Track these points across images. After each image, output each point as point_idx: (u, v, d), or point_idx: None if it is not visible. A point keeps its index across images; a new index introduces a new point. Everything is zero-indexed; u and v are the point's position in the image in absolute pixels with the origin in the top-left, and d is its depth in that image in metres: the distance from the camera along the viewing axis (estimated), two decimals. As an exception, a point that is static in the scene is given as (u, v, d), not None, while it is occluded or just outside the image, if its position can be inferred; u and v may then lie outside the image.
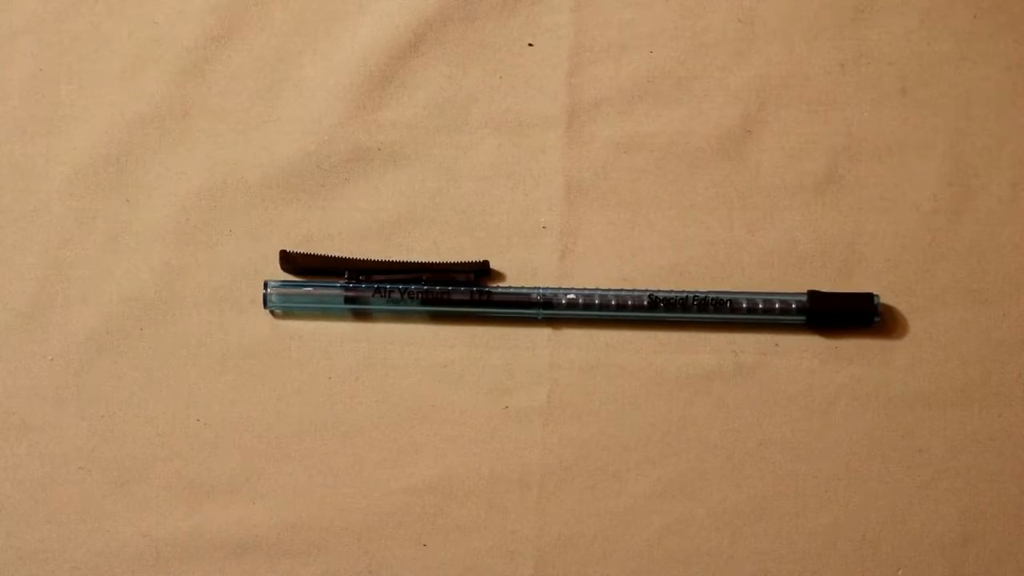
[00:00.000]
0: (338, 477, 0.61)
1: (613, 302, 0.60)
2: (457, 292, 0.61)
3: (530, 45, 0.63)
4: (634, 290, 0.61)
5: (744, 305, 0.60)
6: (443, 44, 0.63)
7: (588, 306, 0.60)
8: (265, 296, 0.61)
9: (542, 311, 0.60)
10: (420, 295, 0.60)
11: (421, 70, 0.63)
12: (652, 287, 0.61)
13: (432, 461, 0.61)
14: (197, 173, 0.62)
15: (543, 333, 0.61)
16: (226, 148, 0.62)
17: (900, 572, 0.60)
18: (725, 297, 0.60)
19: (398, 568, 0.61)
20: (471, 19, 0.63)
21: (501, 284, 0.61)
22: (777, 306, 0.60)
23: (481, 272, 0.61)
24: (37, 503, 0.61)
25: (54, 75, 0.63)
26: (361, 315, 0.61)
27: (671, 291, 0.60)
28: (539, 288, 0.61)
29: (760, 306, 0.60)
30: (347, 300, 0.61)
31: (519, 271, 0.62)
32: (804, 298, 0.60)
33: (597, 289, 0.61)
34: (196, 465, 0.61)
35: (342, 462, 0.61)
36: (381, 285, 0.61)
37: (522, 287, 0.61)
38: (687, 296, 0.60)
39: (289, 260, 0.61)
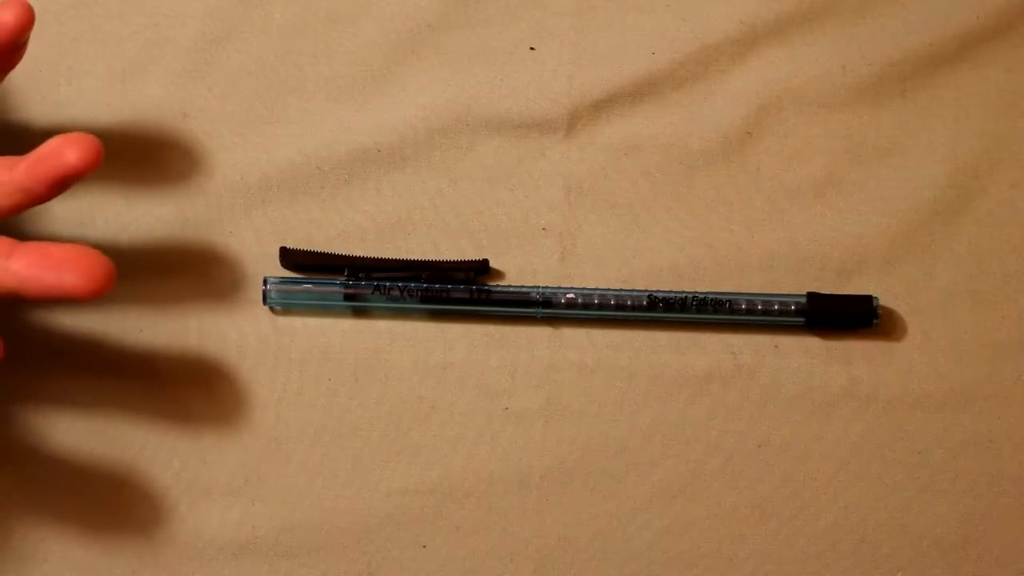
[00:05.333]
0: (337, 478, 0.61)
1: (613, 302, 0.60)
2: (456, 290, 0.61)
3: (532, 49, 0.63)
4: (633, 290, 0.61)
5: (743, 306, 0.60)
6: (444, 47, 0.63)
7: (587, 306, 0.60)
8: (265, 292, 0.61)
9: (541, 310, 0.60)
10: (420, 293, 0.61)
11: (421, 72, 0.63)
12: (652, 288, 0.61)
13: (431, 462, 0.61)
14: (196, 174, 0.62)
15: (542, 334, 0.61)
16: (225, 149, 0.62)
17: (900, 574, 0.60)
18: (724, 298, 0.60)
19: (397, 569, 0.61)
20: (472, 22, 0.63)
21: (500, 283, 0.61)
22: (776, 307, 0.60)
23: (481, 271, 0.61)
24: (37, 503, 0.61)
25: (54, 76, 0.63)
26: (361, 312, 0.61)
27: (671, 291, 0.60)
28: (538, 287, 0.61)
29: (759, 307, 0.60)
30: (346, 297, 0.61)
31: (519, 272, 0.62)
32: (803, 300, 0.60)
33: (596, 289, 0.61)
34: (196, 465, 0.61)
35: (341, 463, 0.61)
36: (381, 283, 0.61)
37: (521, 286, 0.61)
38: (687, 296, 0.60)
39: (289, 257, 0.61)
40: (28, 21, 0.53)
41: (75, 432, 0.61)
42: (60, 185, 0.53)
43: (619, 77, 0.62)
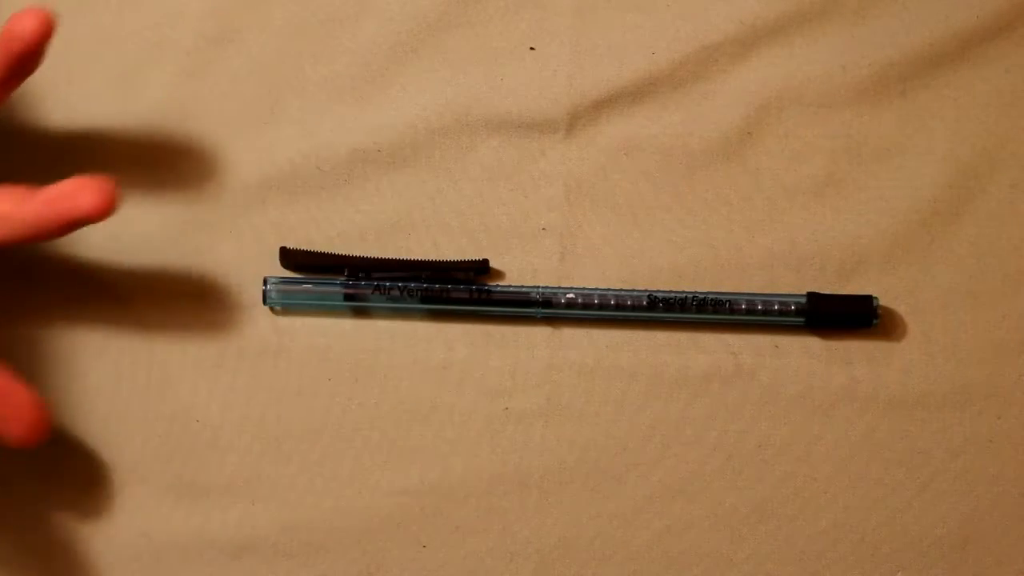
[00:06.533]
0: (337, 478, 0.61)
1: (612, 302, 0.60)
2: (456, 290, 0.61)
3: (532, 49, 0.63)
4: (633, 290, 0.61)
5: (743, 306, 0.60)
6: (444, 47, 0.63)
7: (587, 306, 0.60)
8: (265, 292, 0.61)
9: (541, 310, 0.61)
10: (420, 293, 0.61)
11: (421, 72, 0.63)
12: (652, 288, 0.61)
13: (431, 462, 0.61)
14: (197, 175, 0.62)
15: (543, 334, 0.61)
16: (225, 150, 0.62)
17: (899, 574, 0.60)
18: (724, 298, 0.60)
19: (397, 570, 0.61)
20: (472, 22, 0.63)
21: (500, 283, 0.61)
22: (776, 307, 0.60)
23: (481, 271, 0.61)
24: (37, 503, 0.61)
25: (54, 76, 0.63)
26: (361, 312, 0.61)
27: (671, 291, 0.60)
28: (538, 287, 0.61)
29: (759, 307, 0.60)
30: (347, 297, 0.61)
31: (519, 272, 0.62)
32: (803, 300, 0.60)
33: (597, 289, 0.61)
34: (195, 466, 0.61)
35: (341, 463, 0.61)
36: (381, 283, 0.61)
37: (521, 286, 0.61)
38: (686, 296, 0.60)
39: (289, 257, 0.61)
40: (48, 30, 0.53)
41: (75, 432, 0.61)
42: (70, 228, 0.54)
43: (619, 77, 0.62)
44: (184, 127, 0.63)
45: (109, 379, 0.61)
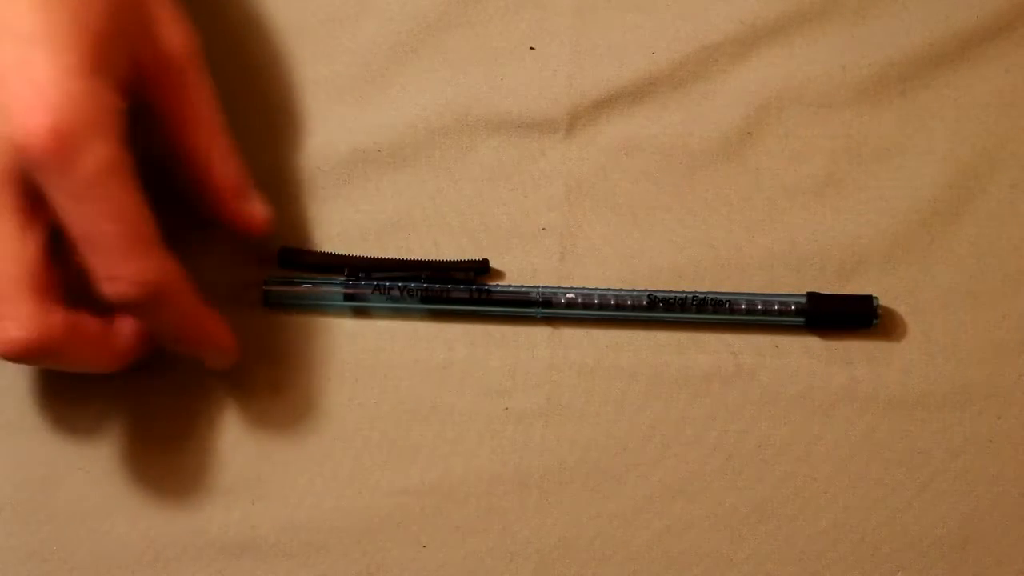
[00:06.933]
0: (337, 478, 0.61)
1: (612, 301, 0.60)
2: (456, 290, 0.61)
3: (532, 49, 0.63)
4: (633, 290, 0.61)
5: (743, 306, 0.60)
6: (444, 47, 0.63)
7: (587, 305, 0.60)
8: (265, 292, 0.61)
9: (541, 310, 0.60)
10: (420, 293, 0.61)
11: (421, 72, 0.63)
12: (652, 288, 0.61)
13: (431, 462, 0.61)
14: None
15: (543, 334, 0.61)
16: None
17: (900, 574, 0.60)
18: (724, 298, 0.60)
19: (397, 570, 0.61)
20: (472, 22, 0.63)
21: (500, 283, 0.61)
22: (776, 307, 0.60)
23: (481, 271, 0.61)
24: (37, 503, 0.61)
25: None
26: (361, 312, 0.61)
27: (671, 291, 0.60)
28: (539, 287, 0.61)
29: (759, 307, 0.60)
30: (347, 297, 0.61)
31: (519, 272, 0.62)
32: (803, 300, 0.60)
33: (597, 289, 0.61)
34: (195, 465, 0.61)
35: (341, 463, 0.61)
36: (381, 283, 0.61)
37: (521, 286, 0.61)
38: (686, 296, 0.60)
39: (289, 257, 0.61)
40: None
41: (73, 432, 0.61)
42: None
43: (619, 77, 0.62)
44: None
45: (108, 379, 0.61)
